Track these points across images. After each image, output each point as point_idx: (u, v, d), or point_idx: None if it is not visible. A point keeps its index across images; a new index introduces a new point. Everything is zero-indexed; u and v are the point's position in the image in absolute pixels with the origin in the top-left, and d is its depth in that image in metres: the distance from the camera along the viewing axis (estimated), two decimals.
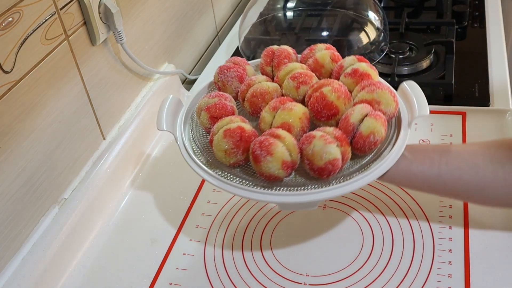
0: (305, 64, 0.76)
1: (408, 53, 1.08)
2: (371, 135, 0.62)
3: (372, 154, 0.66)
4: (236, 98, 0.74)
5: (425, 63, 1.05)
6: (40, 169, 0.73)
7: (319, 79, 0.73)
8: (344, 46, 1.10)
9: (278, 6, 1.24)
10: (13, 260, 0.70)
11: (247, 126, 0.65)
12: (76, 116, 0.80)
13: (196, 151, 0.69)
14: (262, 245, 0.76)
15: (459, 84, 0.99)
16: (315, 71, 0.74)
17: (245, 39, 1.16)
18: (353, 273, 0.70)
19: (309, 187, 0.62)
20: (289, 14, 1.23)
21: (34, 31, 0.69)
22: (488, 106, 0.94)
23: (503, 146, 0.65)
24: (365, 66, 0.71)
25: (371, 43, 1.08)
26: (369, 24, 1.12)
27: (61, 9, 0.74)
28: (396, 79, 1.01)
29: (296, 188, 0.62)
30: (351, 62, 0.72)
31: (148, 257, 0.76)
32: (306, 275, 0.71)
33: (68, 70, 0.77)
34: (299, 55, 0.78)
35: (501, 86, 0.98)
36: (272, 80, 0.74)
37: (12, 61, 0.66)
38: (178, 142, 0.69)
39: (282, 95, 0.71)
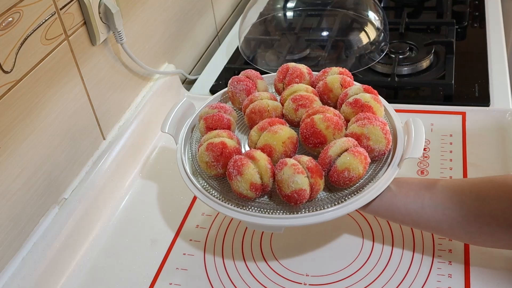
0: (315, 86, 0.76)
1: (408, 53, 1.08)
2: (345, 171, 0.62)
3: (352, 188, 0.66)
4: (242, 110, 0.76)
5: (425, 63, 1.05)
6: (40, 169, 0.73)
7: (327, 103, 0.74)
8: (344, 46, 1.11)
9: (278, 6, 1.24)
10: (13, 260, 0.70)
11: (231, 142, 0.67)
12: (76, 116, 0.80)
13: (189, 157, 0.73)
14: (262, 245, 0.76)
15: (459, 84, 0.99)
16: (323, 94, 0.74)
17: (245, 39, 1.16)
18: (353, 273, 0.70)
19: (277, 212, 0.64)
20: (289, 14, 1.23)
21: (34, 31, 0.69)
22: (488, 106, 0.94)
23: (491, 183, 0.63)
24: (368, 98, 0.70)
25: (371, 43, 1.08)
26: (369, 24, 1.12)
27: (61, 9, 0.74)
28: (396, 79, 1.01)
29: (265, 211, 0.64)
30: (356, 91, 0.72)
31: (148, 257, 0.76)
32: (306, 275, 0.71)
33: (68, 70, 0.77)
34: (315, 74, 0.79)
35: (501, 86, 0.98)
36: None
37: (12, 61, 0.66)
38: (177, 145, 0.73)
39: (282, 115, 0.73)
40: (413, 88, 1.03)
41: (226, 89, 0.80)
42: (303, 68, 0.78)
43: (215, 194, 0.67)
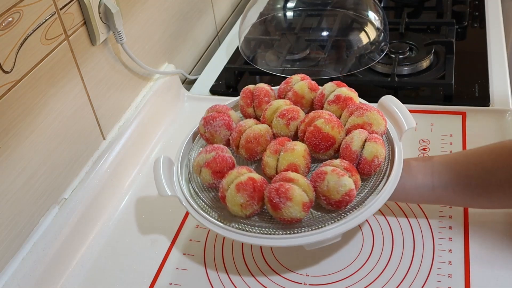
0: (284, 98, 0.76)
1: (408, 53, 1.08)
2: (375, 158, 0.65)
3: (375, 175, 0.67)
4: (227, 146, 0.72)
5: (425, 63, 1.05)
6: (40, 169, 0.73)
7: (302, 109, 0.74)
8: (344, 46, 1.10)
9: (278, 6, 1.24)
10: (13, 260, 0.70)
11: (256, 176, 0.64)
12: (76, 116, 0.80)
13: (204, 208, 0.68)
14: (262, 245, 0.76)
15: (459, 84, 0.99)
16: (296, 103, 0.75)
17: (245, 39, 1.16)
18: (353, 273, 0.70)
19: (329, 222, 0.63)
20: (289, 14, 1.23)
21: (34, 31, 0.69)
22: (488, 106, 0.94)
23: (493, 153, 0.66)
24: (346, 90, 0.73)
25: (371, 43, 1.08)
26: (369, 24, 1.12)
27: (61, 9, 0.74)
28: (396, 79, 1.01)
29: (318, 226, 0.63)
30: (331, 88, 0.74)
31: (148, 257, 0.76)
32: (306, 275, 0.71)
33: (68, 70, 0.77)
34: (276, 88, 0.79)
35: (501, 86, 0.98)
36: (258, 120, 0.75)
37: (12, 61, 0.66)
38: (184, 204, 0.68)
39: (274, 135, 0.72)
40: (413, 88, 1.03)
41: (193, 130, 0.77)
42: (265, 86, 0.77)
43: (259, 230, 0.64)
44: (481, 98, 0.96)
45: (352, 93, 0.73)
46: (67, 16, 0.75)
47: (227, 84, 1.11)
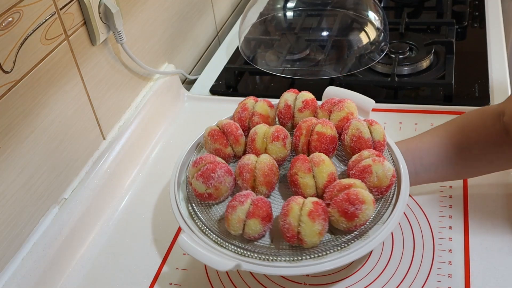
0: (248, 125, 0.74)
1: (408, 53, 1.08)
2: (384, 138, 0.70)
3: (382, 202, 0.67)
4: (231, 194, 0.68)
5: (425, 63, 1.05)
6: (40, 169, 0.73)
7: (285, 124, 0.75)
8: (344, 46, 1.10)
9: (278, 6, 1.24)
10: (13, 260, 0.70)
11: (315, 198, 0.62)
12: (76, 116, 0.80)
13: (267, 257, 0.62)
14: None
15: (459, 84, 1.00)
16: (265, 123, 0.74)
17: (245, 39, 1.16)
18: (353, 273, 0.70)
19: (370, 231, 0.62)
20: (289, 14, 1.23)
21: (34, 31, 0.69)
22: (488, 105, 0.94)
23: (466, 130, 0.72)
24: (306, 93, 0.75)
25: (371, 43, 1.08)
26: (369, 24, 1.12)
27: (61, 9, 0.74)
28: (396, 79, 1.01)
29: (363, 235, 0.62)
30: (292, 97, 0.75)
31: (148, 257, 0.76)
32: (306, 275, 0.71)
33: (68, 70, 0.77)
34: (229, 116, 0.78)
35: (501, 86, 0.98)
36: (239, 157, 0.72)
37: (12, 61, 0.66)
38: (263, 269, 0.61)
39: (276, 160, 0.69)
40: (413, 88, 1.03)
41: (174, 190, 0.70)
42: (229, 120, 0.73)
43: (333, 248, 0.61)
44: (481, 98, 0.96)
45: (309, 94, 0.75)
46: (67, 16, 0.75)
47: (227, 84, 1.11)
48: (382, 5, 1.32)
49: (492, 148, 0.70)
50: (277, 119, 0.77)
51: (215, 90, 1.10)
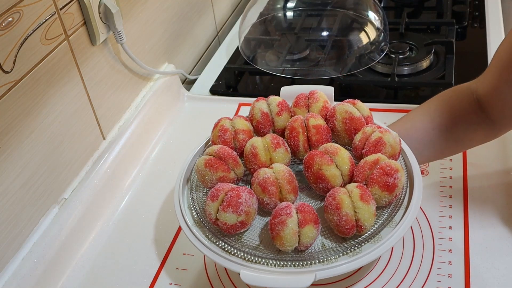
0: (233, 144, 0.72)
1: (408, 53, 1.08)
2: (369, 111, 0.71)
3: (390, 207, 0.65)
4: (257, 209, 0.66)
5: (425, 63, 1.05)
6: (40, 169, 0.73)
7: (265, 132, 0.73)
8: (344, 46, 1.10)
9: (278, 6, 1.24)
10: (13, 260, 0.70)
11: (353, 184, 0.62)
12: (76, 116, 0.80)
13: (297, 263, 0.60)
14: None
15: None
16: (263, 128, 0.73)
17: (245, 39, 1.16)
18: (353, 273, 0.70)
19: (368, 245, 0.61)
20: (289, 14, 1.23)
21: (34, 31, 0.69)
22: None
23: (445, 112, 0.73)
24: (276, 97, 0.74)
25: (371, 43, 1.08)
26: (369, 24, 1.12)
27: (61, 9, 0.74)
28: (396, 79, 1.01)
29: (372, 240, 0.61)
30: (263, 105, 0.73)
31: (148, 257, 0.76)
32: None
33: (68, 70, 0.77)
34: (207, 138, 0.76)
35: None
36: (242, 176, 0.70)
37: (12, 61, 0.66)
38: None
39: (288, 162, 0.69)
40: (413, 88, 1.03)
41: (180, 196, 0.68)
42: (224, 148, 0.69)
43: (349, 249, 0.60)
44: None
45: (279, 97, 0.75)
46: (67, 16, 0.75)
47: (227, 84, 1.11)
48: (382, 5, 1.32)
49: (471, 126, 0.72)
50: (254, 131, 0.74)
51: (215, 90, 1.10)
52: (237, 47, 1.18)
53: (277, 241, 0.59)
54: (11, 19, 0.65)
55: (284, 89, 0.79)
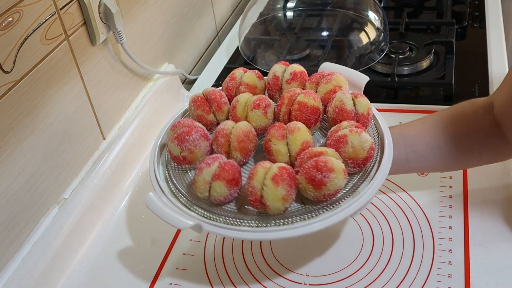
0: (234, 94, 0.73)
1: (408, 53, 1.08)
2: (369, 111, 0.68)
3: (359, 175, 0.65)
4: (208, 154, 0.67)
5: (425, 63, 1.05)
6: (40, 169, 0.73)
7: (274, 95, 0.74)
8: (344, 46, 1.11)
9: (278, 6, 1.24)
10: (13, 260, 0.70)
11: (283, 164, 0.61)
12: (76, 116, 0.80)
13: (231, 221, 0.61)
14: (262, 245, 0.76)
15: (459, 84, 0.99)
16: (252, 94, 0.73)
17: (245, 39, 1.16)
18: (353, 273, 0.70)
19: (322, 211, 0.60)
20: (289, 14, 1.23)
21: (34, 31, 0.69)
22: None
23: (458, 120, 0.72)
24: (296, 66, 0.74)
25: (371, 43, 1.08)
26: (369, 24, 1.12)
27: (61, 9, 0.74)
28: (396, 79, 1.01)
29: (334, 206, 0.61)
30: (282, 69, 0.74)
31: (148, 257, 0.76)
32: (306, 275, 0.71)
33: (68, 70, 0.77)
34: (219, 88, 0.75)
35: None
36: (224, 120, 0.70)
37: (12, 61, 0.66)
38: (208, 228, 0.61)
39: (255, 128, 0.68)
40: (413, 88, 1.03)
41: (155, 154, 0.71)
42: (214, 88, 0.73)
43: (303, 217, 0.60)
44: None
45: (302, 68, 0.74)
46: (67, 16, 0.75)
47: None
48: (382, 5, 1.32)
49: (483, 139, 0.70)
50: (266, 92, 0.76)
51: None
52: (237, 47, 1.18)
53: (194, 184, 0.62)
54: (11, 19, 0.65)
55: (323, 65, 0.77)
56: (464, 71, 1.03)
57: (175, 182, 0.67)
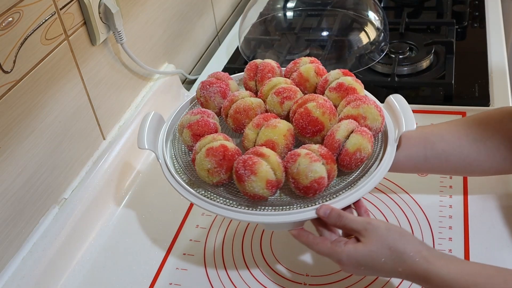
0: (289, 78, 0.74)
1: (408, 53, 1.08)
2: (357, 152, 0.62)
3: (358, 171, 0.65)
4: (219, 114, 0.72)
5: (425, 63, 1.05)
6: (40, 169, 0.73)
7: (304, 93, 0.72)
8: (344, 46, 1.11)
9: (278, 6, 1.24)
10: (13, 260, 0.70)
11: (230, 144, 0.64)
12: (76, 116, 0.80)
13: (178, 170, 0.68)
14: (262, 245, 0.76)
15: (459, 84, 0.99)
16: (299, 85, 0.73)
17: (245, 39, 1.16)
18: (350, 275, 0.70)
19: (294, 206, 0.61)
20: (289, 14, 1.23)
21: (34, 31, 0.69)
22: (488, 106, 0.94)
23: (482, 123, 0.70)
24: (350, 80, 0.70)
25: (371, 43, 1.08)
26: (369, 24, 1.12)
27: (61, 9, 0.74)
28: (396, 79, 1.01)
29: (281, 208, 0.61)
30: (336, 76, 0.71)
31: (148, 257, 0.76)
32: (306, 275, 0.71)
33: (68, 70, 0.77)
34: (283, 69, 0.77)
35: (501, 86, 0.98)
36: (256, 95, 0.73)
37: (12, 61, 0.66)
38: (160, 160, 0.68)
39: (266, 111, 0.70)
40: (413, 88, 1.03)
41: (193, 95, 0.76)
42: (272, 62, 0.76)
43: (223, 200, 0.63)
44: (481, 98, 0.96)
45: (356, 84, 0.70)
46: (67, 16, 0.75)
47: None
48: (382, 5, 1.32)
49: (508, 144, 0.68)
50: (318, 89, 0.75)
51: None
52: (237, 47, 1.18)
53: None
54: (11, 19, 0.65)
55: (392, 97, 0.72)
56: (464, 71, 1.03)
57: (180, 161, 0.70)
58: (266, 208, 0.62)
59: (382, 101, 0.99)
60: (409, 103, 0.96)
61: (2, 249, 0.68)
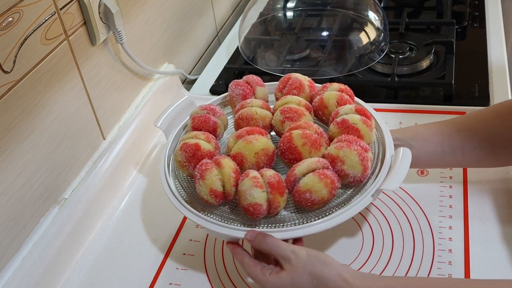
0: (314, 99, 0.74)
1: (408, 53, 1.08)
2: (307, 192, 0.61)
3: (318, 211, 0.65)
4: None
5: (425, 63, 1.05)
6: (40, 169, 0.73)
7: (322, 119, 0.73)
8: (344, 46, 1.11)
9: (278, 6, 1.24)
10: (13, 260, 0.70)
11: (205, 145, 0.67)
12: (76, 116, 0.80)
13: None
14: None
15: (459, 84, 0.99)
16: (318, 110, 0.73)
17: (245, 39, 1.16)
18: None
19: (235, 223, 0.64)
20: (289, 14, 1.23)
21: (34, 31, 0.69)
22: (488, 106, 0.94)
23: (499, 114, 0.70)
24: (357, 120, 0.67)
25: (371, 43, 1.08)
26: (369, 24, 1.12)
27: (61, 9, 0.74)
28: (396, 79, 1.01)
29: (224, 219, 0.64)
30: (347, 111, 0.69)
31: (148, 257, 0.76)
32: None
33: (68, 70, 0.77)
34: (318, 86, 0.77)
35: (501, 86, 0.98)
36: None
37: (12, 61, 0.66)
38: (167, 140, 0.76)
39: (271, 125, 0.72)
40: (413, 88, 1.03)
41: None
42: (304, 80, 0.76)
43: (183, 195, 0.69)
44: (481, 98, 0.96)
45: (362, 125, 0.67)
46: (67, 16, 0.75)
47: (227, 84, 1.10)
48: (382, 5, 1.32)
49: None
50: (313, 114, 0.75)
51: (215, 90, 1.10)
52: (237, 47, 1.18)
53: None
54: (11, 19, 0.65)
55: (399, 150, 0.68)
56: (464, 71, 1.03)
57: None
58: (211, 215, 0.65)
59: (381, 101, 0.99)
60: (409, 103, 0.97)
61: (2, 249, 0.68)
